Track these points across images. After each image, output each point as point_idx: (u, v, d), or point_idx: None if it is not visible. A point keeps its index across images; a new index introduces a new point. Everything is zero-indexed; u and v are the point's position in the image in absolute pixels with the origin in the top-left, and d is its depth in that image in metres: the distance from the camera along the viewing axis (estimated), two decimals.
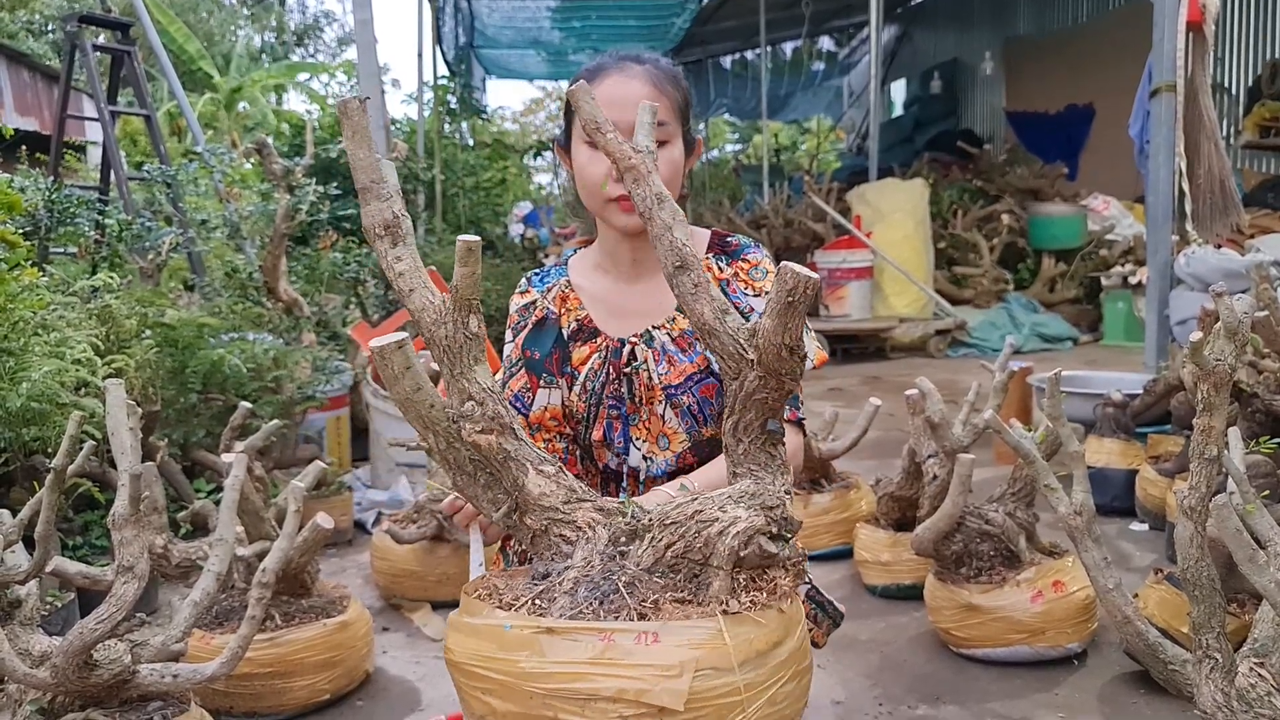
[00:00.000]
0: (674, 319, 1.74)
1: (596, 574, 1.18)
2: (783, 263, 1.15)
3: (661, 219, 1.23)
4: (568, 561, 1.21)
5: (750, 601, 1.16)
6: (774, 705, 1.14)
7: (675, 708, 1.06)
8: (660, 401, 1.71)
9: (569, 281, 1.82)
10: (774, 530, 1.19)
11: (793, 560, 1.22)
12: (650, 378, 1.71)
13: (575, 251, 1.91)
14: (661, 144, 1.65)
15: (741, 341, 1.20)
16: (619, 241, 1.75)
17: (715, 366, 1.70)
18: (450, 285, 1.21)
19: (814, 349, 1.75)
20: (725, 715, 1.09)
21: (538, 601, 1.18)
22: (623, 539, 1.21)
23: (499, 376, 1.83)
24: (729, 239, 1.83)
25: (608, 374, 1.73)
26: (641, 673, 1.07)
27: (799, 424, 1.78)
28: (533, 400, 1.75)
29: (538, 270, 1.88)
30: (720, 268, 1.78)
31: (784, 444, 1.27)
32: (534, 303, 1.81)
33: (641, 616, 1.12)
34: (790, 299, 1.13)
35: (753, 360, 1.20)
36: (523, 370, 1.77)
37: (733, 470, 1.27)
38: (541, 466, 1.24)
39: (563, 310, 1.80)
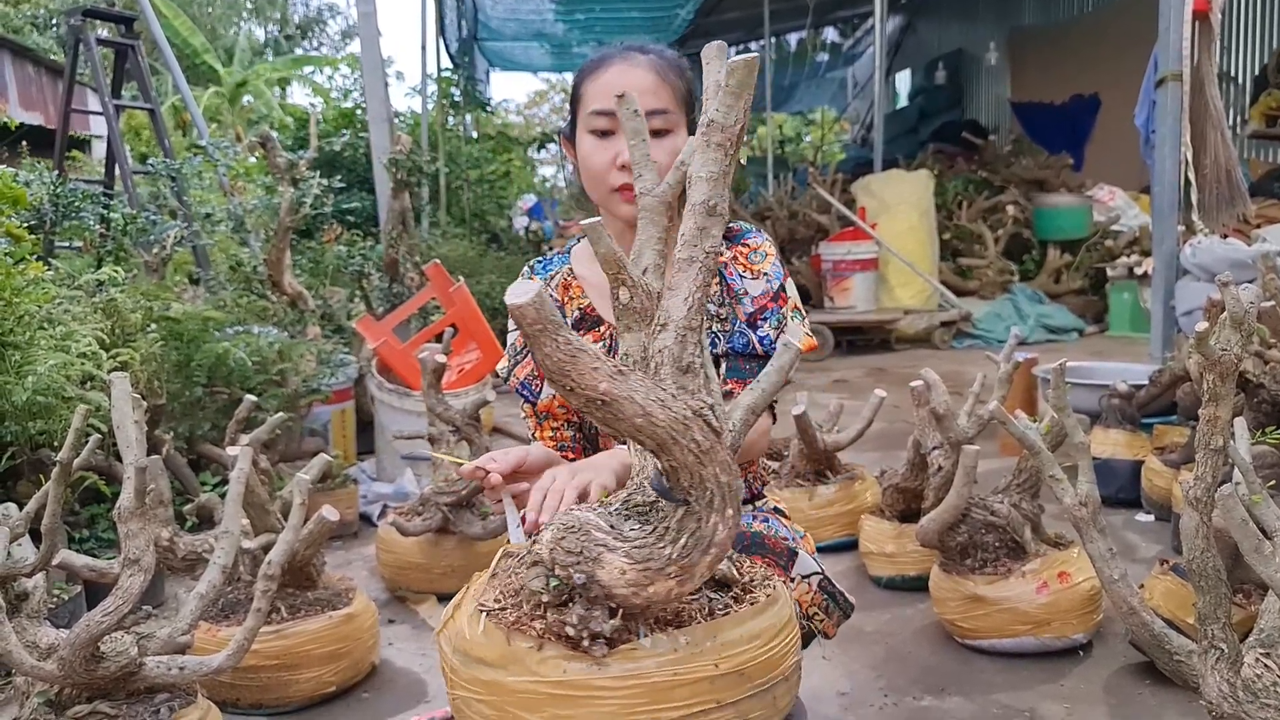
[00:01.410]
0: None
1: None
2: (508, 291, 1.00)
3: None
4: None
5: (511, 617, 1.18)
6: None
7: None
8: None
9: (571, 270, 1.83)
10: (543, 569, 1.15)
11: (559, 617, 1.13)
12: None
13: (579, 240, 1.91)
14: (664, 132, 1.66)
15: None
16: (622, 232, 1.74)
17: (718, 352, 1.70)
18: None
19: (802, 336, 1.74)
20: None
21: None
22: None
23: (503, 364, 1.84)
24: (731, 224, 1.82)
25: None
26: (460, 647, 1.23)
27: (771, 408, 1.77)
28: (540, 388, 1.76)
29: (540, 259, 1.88)
30: (720, 251, 1.77)
31: (677, 509, 1.11)
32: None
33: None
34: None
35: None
36: (528, 358, 1.77)
37: None
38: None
39: (565, 299, 1.80)
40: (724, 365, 1.71)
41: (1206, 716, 1.52)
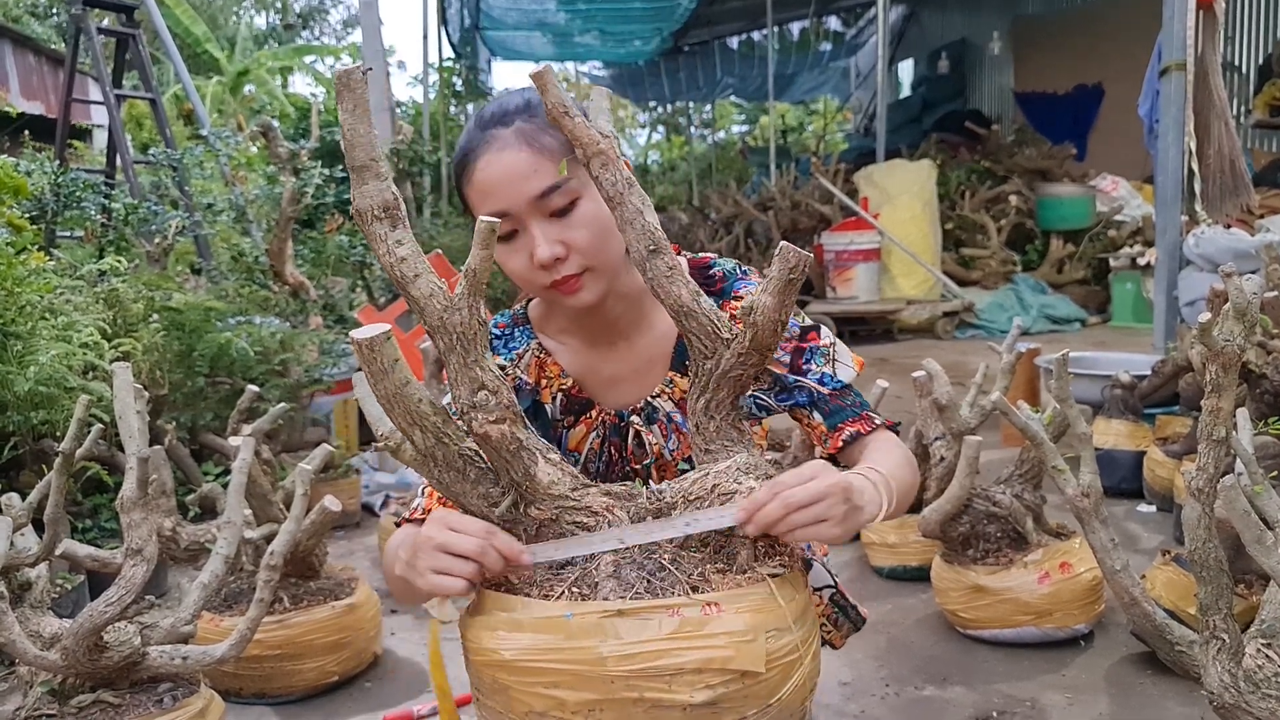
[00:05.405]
0: (672, 381, 1.52)
1: (638, 555, 1.18)
2: (783, 243, 1.14)
3: (632, 203, 1.19)
4: (594, 546, 1.20)
5: (779, 565, 1.19)
6: (815, 659, 1.21)
7: (758, 669, 1.10)
8: (676, 475, 1.48)
9: (540, 345, 1.56)
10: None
11: None
12: (664, 454, 1.52)
13: (524, 307, 1.62)
14: (570, 207, 1.36)
15: (717, 321, 1.21)
16: (580, 314, 1.48)
17: (759, 415, 1.52)
18: (465, 269, 1.13)
19: (852, 359, 1.54)
20: (789, 672, 1.14)
21: (576, 588, 1.17)
22: (648, 518, 1.21)
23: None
24: (710, 269, 1.54)
25: (610, 454, 1.54)
26: (721, 641, 1.10)
27: (894, 428, 1.55)
28: None
29: (496, 333, 1.58)
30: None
31: (748, 421, 1.26)
32: (502, 369, 1.50)
33: (694, 589, 1.14)
34: (791, 276, 1.15)
35: (728, 339, 1.20)
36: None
37: (705, 447, 1.26)
38: (549, 454, 1.23)
39: (542, 380, 1.55)
40: (815, 413, 1.49)
41: (1208, 707, 1.52)
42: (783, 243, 1.16)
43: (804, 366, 1.51)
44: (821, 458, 1.45)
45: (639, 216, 1.20)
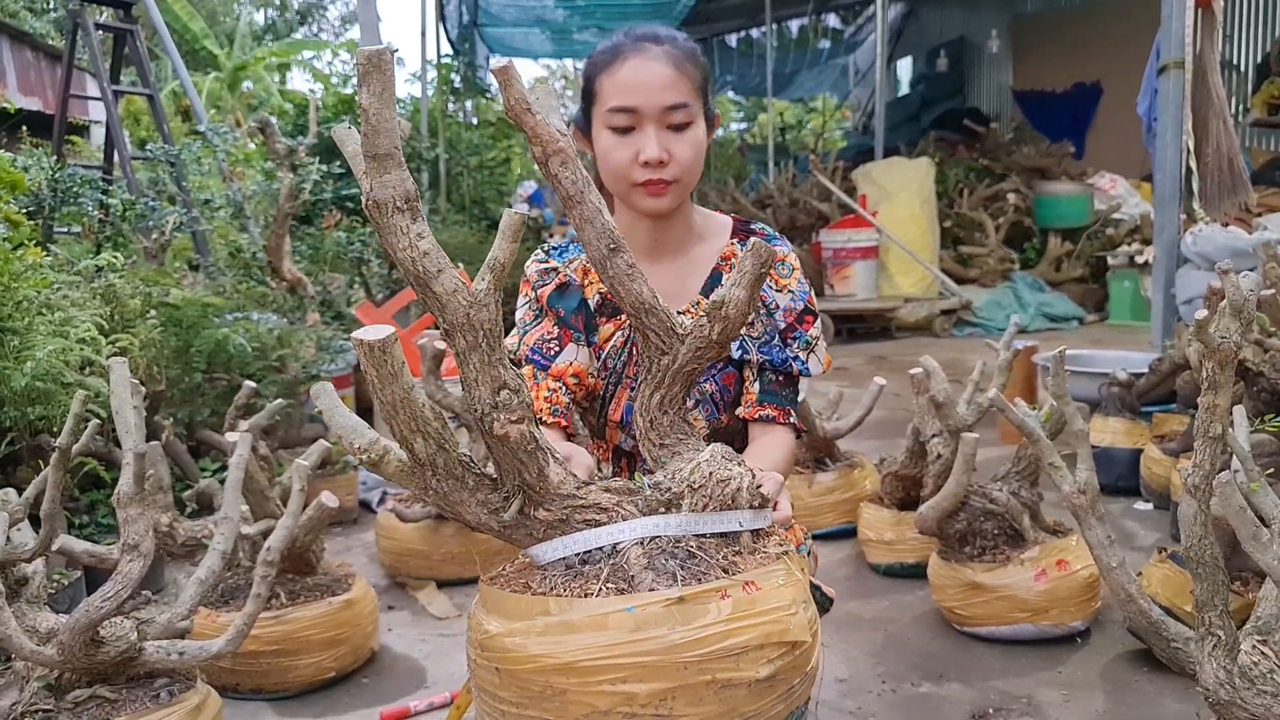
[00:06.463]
0: (698, 303, 1.68)
1: (666, 544, 1.20)
2: (753, 239, 1.20)
3: (591, 201, 1.21)
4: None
5: (779, 543, 1.24)
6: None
7: (805, 639, 1.18)
8: None
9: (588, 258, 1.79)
10: (757, 481, 1.25)
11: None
12: None
13: None
14: (685, 126, 1.59)
15: (673, 319, 1.25)
16: (638, 223, 1.69)
17: (735, 354, 1.65)
18: (490, 260, 1.13)
19: (824, 360, 1.72)
20: (816, 640, 1.23)
21: (612, 583, 1.16)
22: (660, 509, 1.22)
23: (512, 340, 1.73)
24: (752, 226, 1.78)
25: (629, 354, 1.69)
26: (773, 616, 1.15)
27: (800, 432, 1.76)
28: (557, 352, 1.68)
29: (555, 245, 1.79)
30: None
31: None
32: (555, 269, 1.74)
33: (726, 571, 1.17)
34: (762, 271, 1.22)
35: (683, 335, 1.25)
36: (544, 323, 1.71)
37: (659, 442, 1.29)
38: (555, 454, 1.23)
39: (585, 283, 1.73)
40: (758, 382, 1.67)
41: (1203, 703, 1.52)
42: (752, 239, 1.21)
43: (788, 339, 1.68)
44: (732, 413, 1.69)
45: (598, 215, 1.21)
